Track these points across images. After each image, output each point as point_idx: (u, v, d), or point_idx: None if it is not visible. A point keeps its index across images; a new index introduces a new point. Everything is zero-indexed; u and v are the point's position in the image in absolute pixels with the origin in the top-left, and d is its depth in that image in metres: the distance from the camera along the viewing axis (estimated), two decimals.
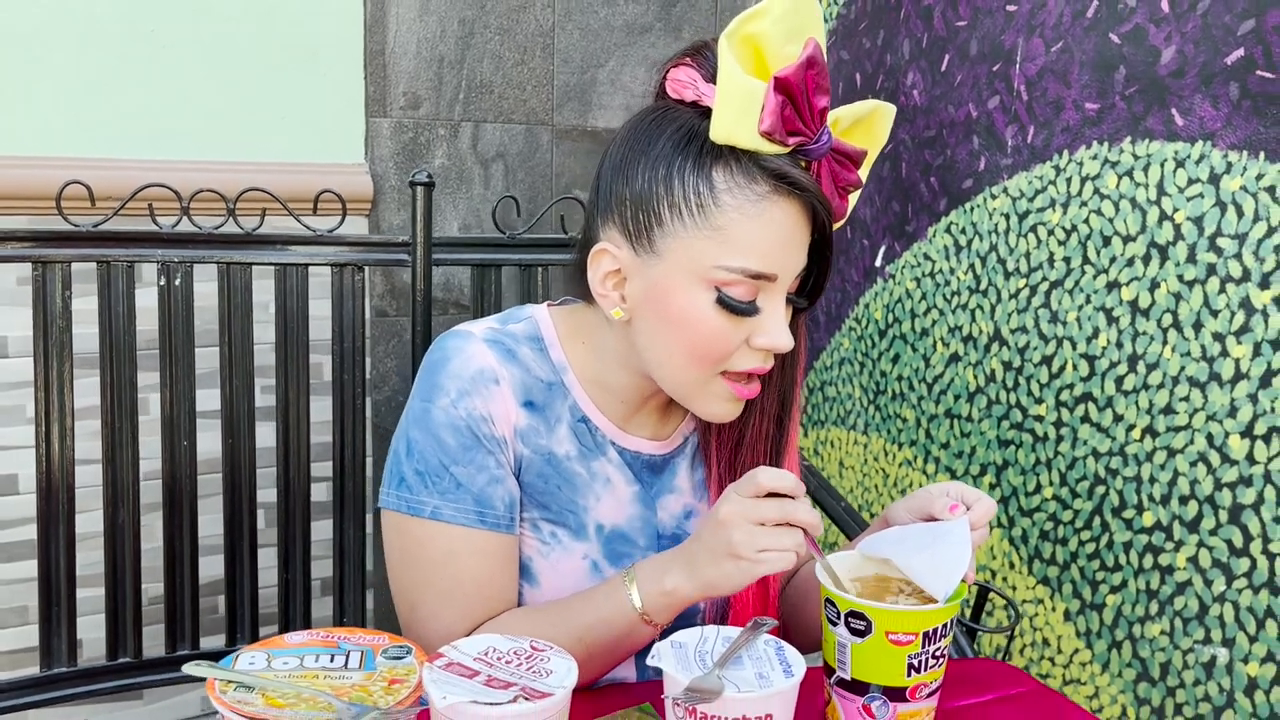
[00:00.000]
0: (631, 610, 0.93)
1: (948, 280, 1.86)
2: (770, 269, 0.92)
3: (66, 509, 1.32)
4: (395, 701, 0.73)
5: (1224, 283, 1.40)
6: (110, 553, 1.37)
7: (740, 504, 0.88)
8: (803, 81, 0.88)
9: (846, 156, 0.94)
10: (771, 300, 0.94)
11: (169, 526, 1.40)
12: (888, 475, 2.04)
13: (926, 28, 1.88)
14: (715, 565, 0.89)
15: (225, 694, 0.72)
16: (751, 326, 0.94)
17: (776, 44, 0.88)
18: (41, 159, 1.66)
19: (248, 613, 1.45)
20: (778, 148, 0.90)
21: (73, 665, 1.34)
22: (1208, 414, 1.42)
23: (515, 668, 0.74)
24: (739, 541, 0.87)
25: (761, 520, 0.87)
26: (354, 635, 0.82)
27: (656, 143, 0.94)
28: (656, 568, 0.94)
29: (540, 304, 1.10)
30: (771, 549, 0.87)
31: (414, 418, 1.01)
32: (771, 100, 0.88)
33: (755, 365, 0.96)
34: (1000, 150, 1.74)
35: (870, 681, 0.89)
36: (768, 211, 0.91)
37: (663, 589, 0.93)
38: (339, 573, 1.49)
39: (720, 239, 0.91)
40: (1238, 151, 1.37)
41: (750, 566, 0.87)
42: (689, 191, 0.92)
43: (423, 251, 1.46)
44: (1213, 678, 1.43)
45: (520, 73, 2.09)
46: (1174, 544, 1.47)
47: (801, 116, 0.89)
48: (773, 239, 0.92)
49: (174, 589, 1.40)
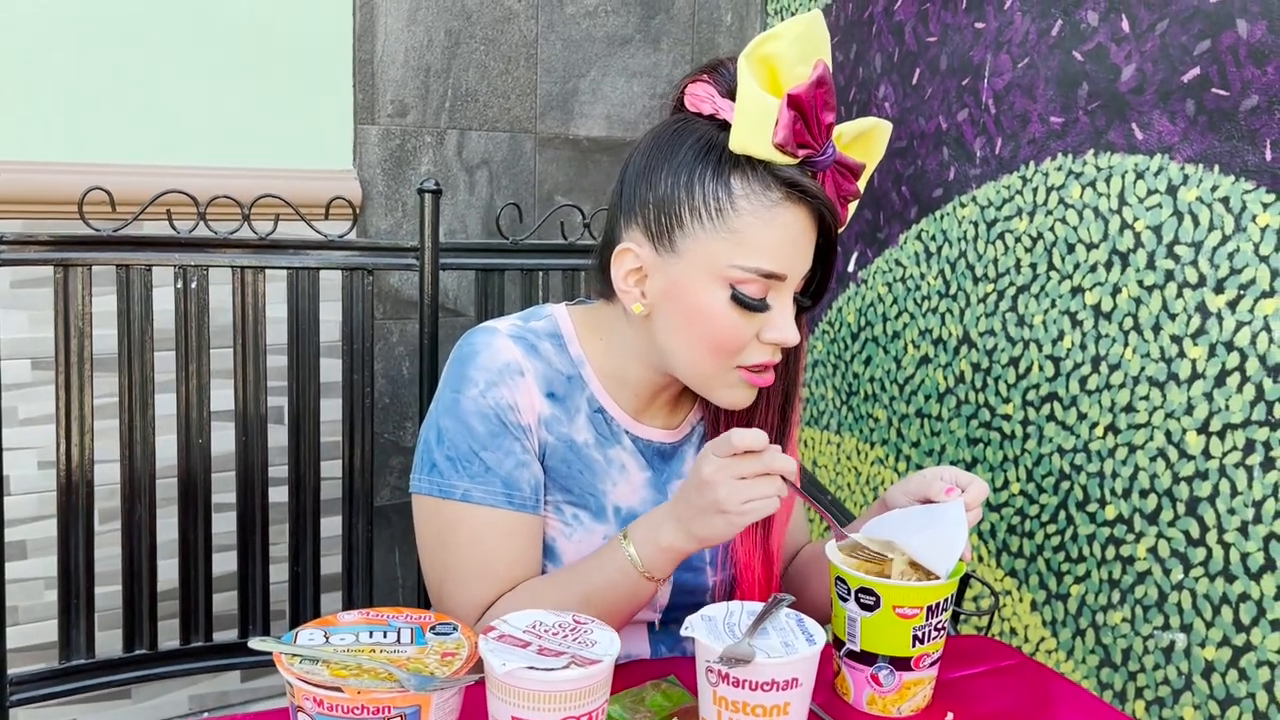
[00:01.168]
0: (633, 569, 0.99)
1: (918, 285, 1.89)
2: (781, 269, 0.99)
3: (85, 505, 1.34)
4: (450, 672, 0.78)
5: (1181, 288, 1.43)
6: (127, 548, 1.39)
7: (720, 462, 0.94)
8: (813, 99, 0.95)
9: (848, 168, 1.01)
10: (781, 298, 1.01)
11: (184, 522, 1.42)
12: (860, 473, 2.06)
13: (898, 42, 1.91)
14: (705, 521, 0.95)
15: (293, 665, 0.77)
16: (762, 322, 1.01)
17: (789, 64, 0.95)
18: (65, 165, 1.68)
19: (259, 606, 1.47)
20: (789, 159, 0.98)
21: (91, 657, 1.36)
22: (1166, 412, 1.46)
23: (563, 639, 0.80)
24: (724, 497, 0.93)
25: (742, 474, 0.93)
26: (401, 614, 0.87)
27: (679, 152, 1.01)
28: (649, 527, 1.00)
29: (559, 304, 1.17)
30: (755, 498, 0.93)
31: (444, 407, 1.07)
32: (785, 115, 0.95)
33: (766, 358, 1.03)
34: (969, 161, 1.77)
35: (878, 652, 0.95)
36: (780, 216, 0.99)
37: (660, 546, 0.98)
38: (348, 568, 1.53)
39: (736, 240, 0.99)
40: (1194, 164, 1.41)
41: (737, 518, 0.94)
42: (709, 197, 0.99)
43: (431, 257, 1.50)
44: (1171, 662, 1.47)
45: (504, 82, 2.12)
46: (1135, 535, 1.51)
47: (811, 131, 0.97)
48: (783, 241, 0.99)
49: (188, 583, 1.42)
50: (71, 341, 1.31)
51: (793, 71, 0.96)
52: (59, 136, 1.69)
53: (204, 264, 1.39)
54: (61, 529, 1.34)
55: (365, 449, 1.50)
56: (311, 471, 1.48)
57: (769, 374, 1.05)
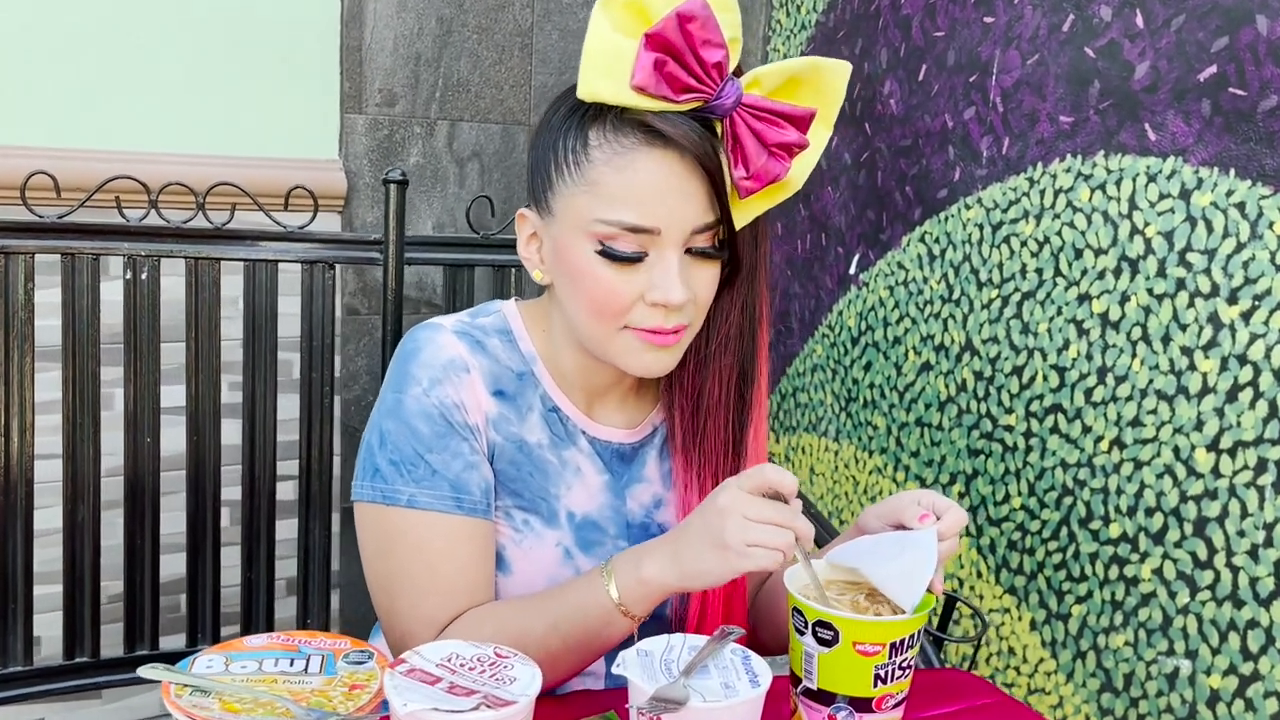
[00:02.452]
0: (608, 601, 0.93)
1: (921, 289, 1.87)
2: (648, 222, 0.93)
3: (25, 504, 1.30)
4: (355, 707, 0.71)
5: (1193, 297, 1.41)
6: (69, 549, 1.34)
7: (740, 496, 0.88)
8: (680, 36, 0.88)
9: (777, 115, 0.94)
10: (662, 254, 0.94)
11: (130, 523, 1.37)
12: (858, 482, 2.04)
13: (904, 37, 1.89)
14: (700, 554, 0.89)
15: (180, 698, 0.71)
16: (645, 281, 0.95)
17: (660, 5, 0.89)
18: (6, 148, 1.63)
19: (209, 613, 1.43)
20: (662, 104, 0.90)
21: (29, 664, 1.32)
22: (1175, 427, 1.43)
23: (478, 675, 0.73)
24: (731, 531, 0.86)
25: (758, 517, 0.87)
26: (316, 639, 0.81)
27: (555, 113, 0.98)
28: (634, 557, 0.94)
29: (510, 299, 1.11)
30: (762, 545, 0.86)
31: (387, 409, 1.01)
32: (643, 56, 0.89)
33: (656, 322, 0.96)
34: (975, 161, 1.75)
35: (837, 692, 0.88)
36: (636, 163, 0.92)
37: (640, 578, 0.92)
38: (304, 573, 1.48)
39: (594, 193, 0.94)
40: (1209, 167, 1.38)
41: (736, 559, 0.87)
42: (567, 150, 0.95)
43: (395, 250, 1.45)
44: (1175, 689, 1.44)
45: (498, 72, 2.08)
46: (1139, 556, 1.48)
47: (691, 72, 0.89)
48: (645, 191, 0.92)
49: (134, 587, 1.38)
50: (12, 332, 1.26)
51: (667, 12, 0.89)
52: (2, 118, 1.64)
53: (155, 253, 1.34)
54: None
55: (324, 449, 1.46)
56: (267, 472, 1.43)
57: (669, 336, 0.97)
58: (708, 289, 0.98)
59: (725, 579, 0.90)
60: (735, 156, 0.94)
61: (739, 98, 0.92)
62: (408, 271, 1.74)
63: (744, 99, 0.92)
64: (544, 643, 0.93)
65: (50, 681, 1.34)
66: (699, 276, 0.97)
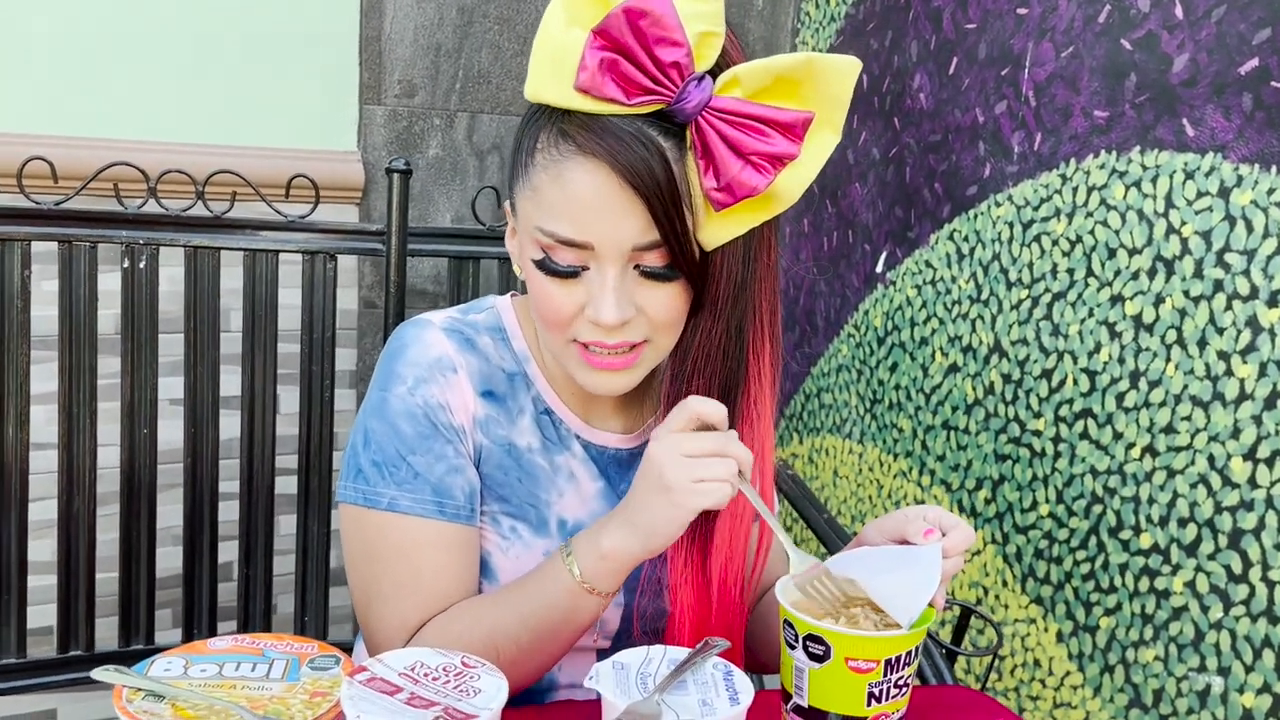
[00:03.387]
0: (571, 581, 0.89)
1: (949, 289, 1.84)
2: (581, 237, 0.87)
3: (20, 495, 1.29)
4: (314, 716, 0.68)
5: (1231, 299, 1.37)
6: (64, 542, 1.34)
7: (671, 438, 0.84)
8: (629, 33, 0.81)
9: (757, 120, 0.85)
10: (601, 270, 0.89)
11: (126, 516, 1.37)
12: (882, 486, 2.02)
13: (935, 30, 1.86)
14: (649, 506, 0.85)
15: (131, 703, 0.68)
16: (585, 295, 0.90)
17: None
18: (2, 134, 1.63)
19: (205, 608, 1.42)
20: (611, 107, 0.84)
21: (22, 657, 1.31)
22: (1210, 435, 1.40)
23: (441, 685, 0.70)
24: (672, 475, 0.83)
25: (694, 452, 0.84)
26: (282, 641, 0.78)
27: (527, 110, 0.93)
28: (592, 532, 0.91)
29: (506, 294, 1.07)
30: (706, 478, 0.83)
31: (371, 408, 0.98)
32: (589, 55, 0.82)
33: (595, 338, 0.91)
34: (1006, 157, 1.72)
35: (828, 710, 0.84)
36: (567, 174, 0.86)
37: (600, 552, 0.88)
38: (301, 569, 1.47)
39: (536, 200, 0.90)
40: (1249, 165, 1.35)
41: (683, 498, 0.83)
42: (521, 151, 0.91)
43: (397, 241, 1.43)
44: (1207, 707, 1.41)
45: (519, 64, 2.07)
46: (1171, 567, 1.45)
47: (645, 72, 0.82)
48: (577, 204, 0.86)
49: (129, 581, 1.38)
50: (7, 320, 1.25)
51: None
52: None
53: (154, 242, 1.33)
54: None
55: (323, 443, 1.45)
56: (266, 466, 1.43)
57: (617, 358, 0.92)
58: (664, 309, 0.91)
59: (682, 526, 0.86)
60: (705, 165, 0.86)
61: (705, 101, 0.84)
62: (423, 265, 1.72)
63: (713, 102, 0.84)
64: (517, 637, 0.90)
65: (44, 675, 1.33)
66: (651, 296, 0.90)
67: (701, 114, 0.84)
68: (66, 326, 1.30)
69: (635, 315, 0.90)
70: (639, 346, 0.92)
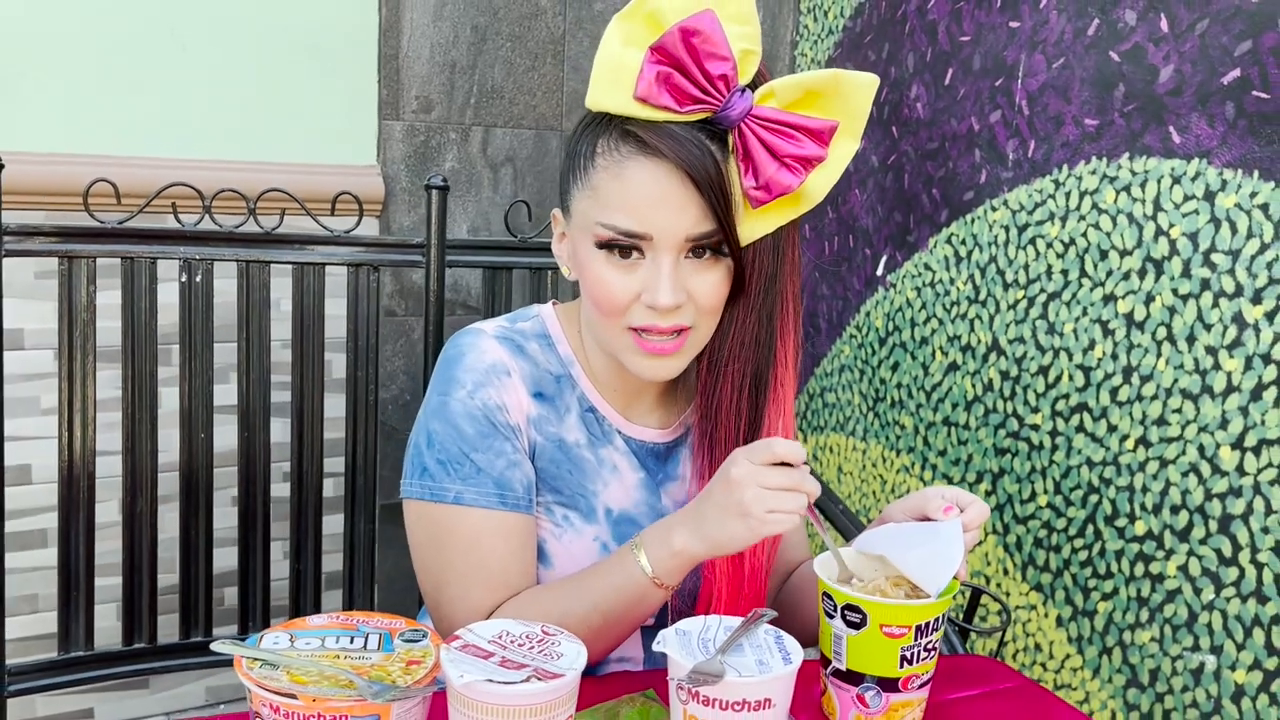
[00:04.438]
0: (642, 576, 0.97)
1: (947, 290, 1.88)
2: (640, 228, 0.96)
3: (87, 497, 1.35)
4: (413, 681, 0.76)
5: (1217, 297, 1.41)
6: (128, 541, 1.39)
7: (752, 468, 0.92)
8: (683, 50, 0.92)
9: (790, 126, 0.95)
10: (656, 258, 0.97)
11: (185, 516, 1.42)
12: (885, 481, 2.05)
13: (930, 42, 1.90)
14: (722, 524, 0.93)
15: (252, 670, 0.75)
16: (641, 283, 0.98)
17: (673, 18, 0.92)
18: (70, 156, 1.69)
19: (259, 603, 1.48)
20: (665, 114, 0.94)
21: (90, 649, 1.37)
22: (1200, 426, 1.43)
23: (528, 650, 0.78)
24: (749, 501, 0.91)
25: (771, 485, 0.91)
26: (372, 619, 0.86)
27: (580, 123, 1.03)
28: (662, 531, 0.98)
29: (547, 303, 1.15)
30: (779, 510, 0.91)
31: (432, 410, 1.06)
32: (647, 68, 0.92)
33: (649, 321, 0.99)
34: (1001, 163, 1.75)
35: (865, 672, 0.92)
36: (628, 172, 0.96)
37: (671, 550, 0.96)
38: (349, 566, 1.52)
39: (595, 197, 0.98)
40: (1233, 169, 1.38)
41: (758, 525, 0.91)
42: (580, 156, 1.00)
43: (436, 253, 1.49)
44: (1201, 684, 1.44)
45: (531, 79, 2.12)
46: (1165, 553, 1.49)
47: (696, 83, 0.93)
48: (638, 198, 0.96)
49: (188, 578, 1.43)
50: (75, 333, 1.32)
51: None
52: (68, 128, 1.71)
53: (209, 257, 1.39)
54: (62, 521, 1.35)
55: (369, 446, 1.50)
56: (314, 468, 1.47)
57: (668, 342, 1.00)
58: (711, 294, 1.00)
59: (750, 544, 0.94)
60: (745, 166, 0.96)
61: (747, 110, 0.94)
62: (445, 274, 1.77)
63: (754, 110, 0.94)
64: (586, 621, 0.98)
65: (110, 666, 1.38)
66: (700, 281, 0.99)
67: (743, 121, 0.94)
68: (128, 338, 1.36)
69: (685, 301, 0.99)
70: (685, 332, 1.01)
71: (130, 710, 1.87)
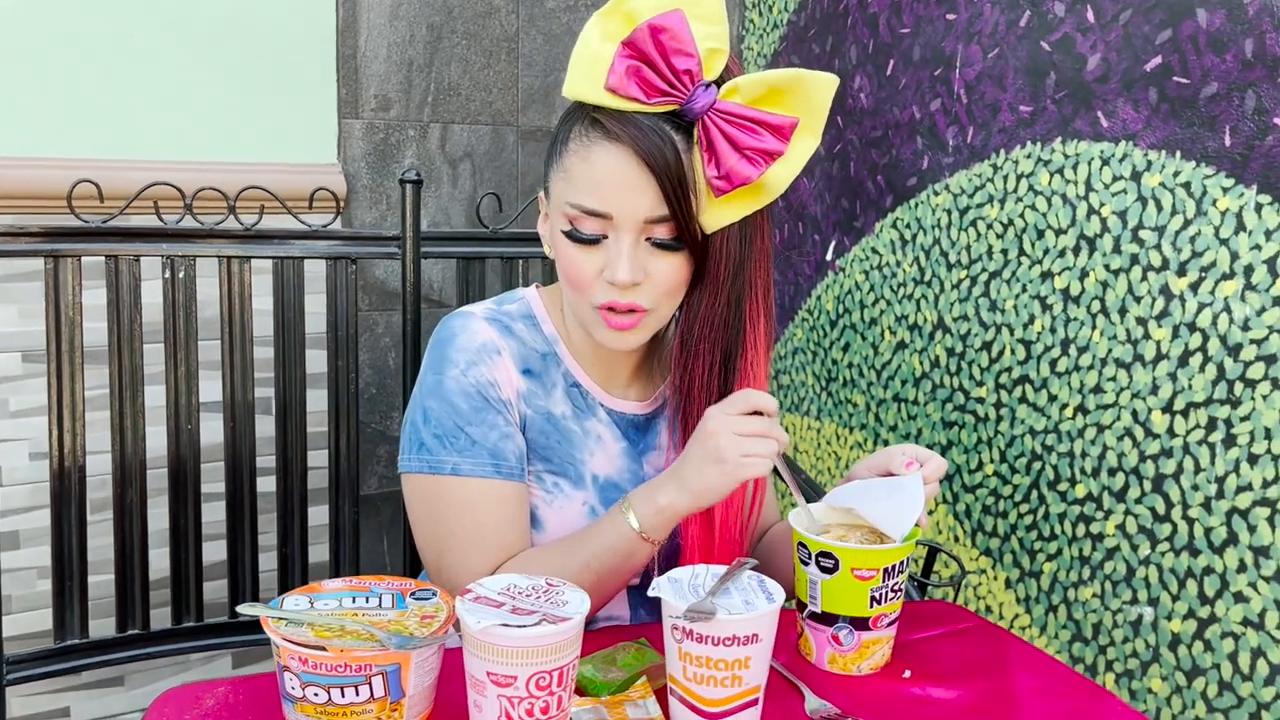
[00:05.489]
0: (631, 532, 1.04)
1: (894, 272, 1.91)
2: (602, 207, 1.03)
3: (78, 492, 1.37)
4: (429, 633, 0.81)
5: (1146, 271, 1.45)
6: (119, 532, 1.41)
7: (725, 417, 0.99)
8: (652, 45, 0.99)
9: (752, 121, 1.02)
10: (618, 238, 1.04)
11: (174, 509, 1.44)
12: (840, 458, 2.08)
13: (872, 34, 1.92)
14: (701, 473, 1.00)
15: (279, 627, 0.80)
16: (603, 261, 1.05)
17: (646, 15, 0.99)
18: (54, 160, 1.70)
19: (249, 591, 1.50)
20: (633, 105, 1.01)
21: (85, 637, 1.39)
22: (1133, 392, 1.47)
23: (535, 599, 0.84)
24: (724, 447, 0.98)
25: (744, 431, 0.98)
26: (383, 580, 0.91)
27: (563, 114, 1.10)
28: (648, 490, 1.05)
29: (530, 286, 1.21)
30: (752, 454, 0.98)
31: (428, 389, 1.11)
32: (618, 61, 1.00)
33: (611, 298, 1.06)
34: (942, 150, 1.78)
35: (838, 613, 0.99)
36: (594, 155, 1.03)
37: (657, 506, 1.03)
38: (334, 553, 1.55)
39: (566, 179, 1.05)
40: (1157, 151, 1.42)
41: (734, 469, 0.99)
42: (557, 141, 1.07)
43: (412, 245, 1.53)
44: (1140, 635, 1.49)
45: (486, 76, 2.15)
46: (1104, 513, 1.53)
47: (663, 77, 0.99)
48: (601, 180, 1.02)
49: (179, 568, 1.45)
50: (63, 332, 1.34)
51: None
52: (48, 132, 1.72)
53: (190, 254, 1.42)
54: (55, 515, 1.37)
55: (351, 436, 1.53)
56: (298, 459, 1.50)
57: (628, 318, 1.07)
58: (668, 277, 1.06)
59: (729, 490, 1.01)
60: (708, 157, 1.02)
61: (711, 103, 1.00)
62: None
63: (718, 105, 1.01)
64: (579, 578, 1.04)
65: (105, 653, 1.40)
66: (658, 264, 1.05)
67: (707, 114, 1.01)
68: (114, 336, 1.38)
69: (644, 281, 1.05)
70: (642, 312, 1.07)
71: (106, 708, 1.87)
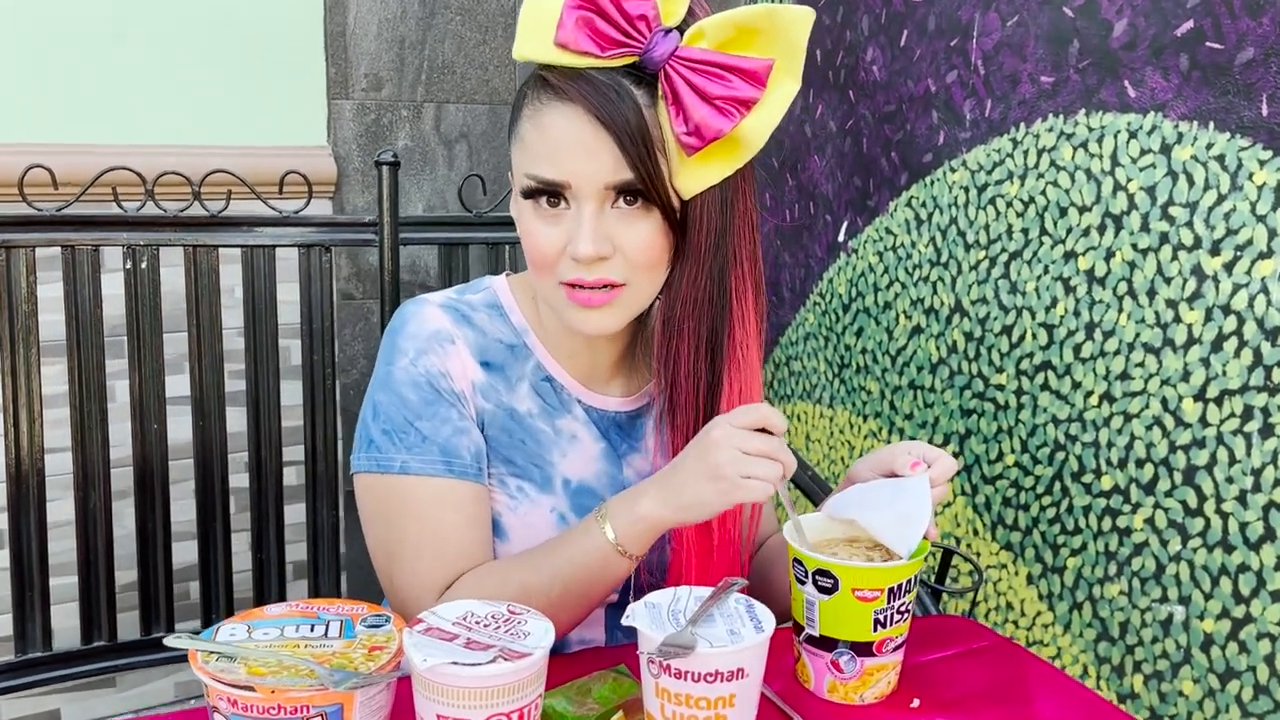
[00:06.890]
0: (605, 543, 0.95)
1: (909, 254, 1.87)
2: (560, 176, 0.94)
3: (37, 495, 1.33)
4: (376, 667, 0.74)
5: (1176, 250, 1.41)
6: (82, 538, 1.37)
7: (731, 430, 0.90)
8: None
9: (719, 67, 0.92)
10: (578, 208, 0.95)
11: (141, 511, 1.40)
12: (853, 447, 2.05)
13: (885, 4, 1.88)
14: (695, 486, 0.91)
15: (208, 664, 0.73)
16: (567, 234, 0.96)
17: None
18: (2, 145, 1.65)
19: (222, 596, 1.46)
20: (587, 60, 0.92)
21: (48, 650, 1.35)
22: (1162, 379, 1.44)
23: (493, 630, 0.76)
24: (725, 463, 0.89)
25: (749, 449, 0.90)
26: (333, 605, 0.84)
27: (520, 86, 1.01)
28: (629, 497, 0.96)
29: (500, 275, 1.13)
30: (755, 476, 0.89)
31: (379, 382, 1.04)
32: (566, 13, 0.91)
33: (576, 275, 0.96)
34: (959, 124, 1.74)
35: (838, 637, 0.91)
36: (544, 118, 0.94)
37: (635, 516, 0.94)
38: (313, 555, 1.51)
39: (521, 148, 0.97)
40: (1188, 122, 1.38)
41: (730, 490, 0.90)
42: (514, 110, 0.99)
43: (389, 231, 1.47)
44: (1170, 635, 1.45)
45: (482, 53, 2.10)
46: (1131, 506, 1.49)
47: (616, 26, 0.90)
48: (553, 145, 0.94)
49: (147, 573, 1.41)
50: (17, 326, 1.28)
51: None
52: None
53: (154, 243, 1.36)
54: (13, 520, 1.33)
55: (328, 432, 1.48)
56: (273, 456, 1.46)
57: (593, 294, 0.97)
58: (641, 247, 0.97)
59: (720, 510, 0.93)
60: (675, 111, 0.93)
61: (671, 50, 0.91)
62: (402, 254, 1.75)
63: (679, 51, 0.91)
64: (548, 593, 0.96)
65: (70, 666, 1.36)
66: (627, 233, 0.96)
67: (669, 63, 0.92)
68: (73, 330, 1.33)
69: (614, 254, 0.96)
70: (618, 288, 0.97)
71: (97, 709, 1.85)
